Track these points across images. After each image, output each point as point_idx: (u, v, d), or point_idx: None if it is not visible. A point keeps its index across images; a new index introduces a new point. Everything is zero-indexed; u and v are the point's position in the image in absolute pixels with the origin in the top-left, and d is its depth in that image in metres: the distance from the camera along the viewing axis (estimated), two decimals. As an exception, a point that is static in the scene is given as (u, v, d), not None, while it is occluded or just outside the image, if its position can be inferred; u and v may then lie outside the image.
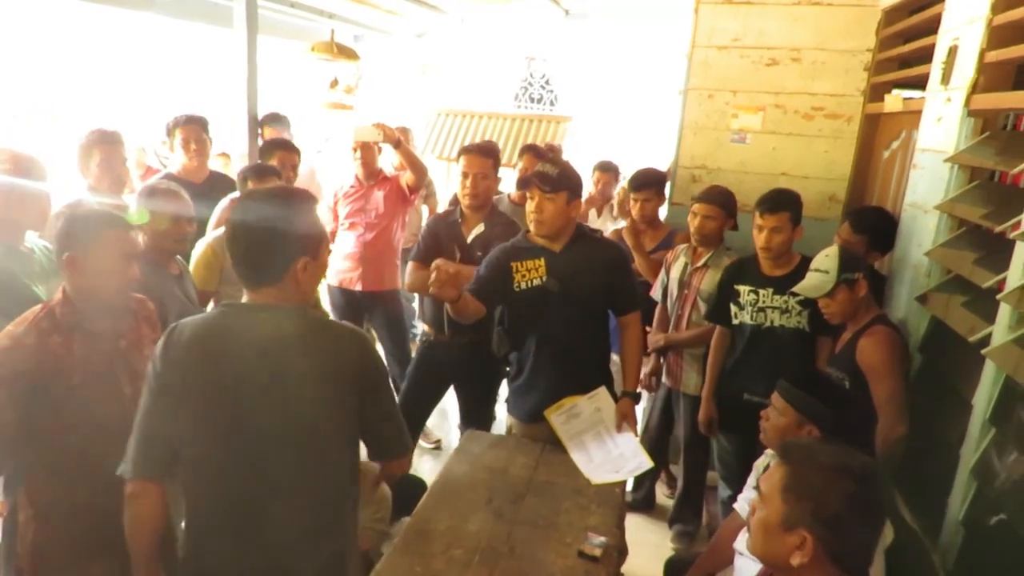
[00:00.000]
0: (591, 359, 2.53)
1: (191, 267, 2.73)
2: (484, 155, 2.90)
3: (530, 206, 2.39)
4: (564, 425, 2.44)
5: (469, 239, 2.95)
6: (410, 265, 3.03)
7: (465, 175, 2.89)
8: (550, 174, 2.35)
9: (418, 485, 2.48)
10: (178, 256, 2.51)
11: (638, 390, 2.62)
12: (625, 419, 2.44)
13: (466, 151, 2.93)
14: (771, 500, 1.30)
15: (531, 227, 2.43)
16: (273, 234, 1.45)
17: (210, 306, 2.76)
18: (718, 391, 2.85)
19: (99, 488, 1.67)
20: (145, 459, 1.49)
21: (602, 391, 2.49)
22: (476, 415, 3.17)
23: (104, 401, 1.77)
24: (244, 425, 1.46)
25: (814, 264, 2.30)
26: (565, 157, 5.02)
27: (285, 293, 1.49)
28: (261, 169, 3.02)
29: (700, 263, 2.97)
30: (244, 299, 1.52)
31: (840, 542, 1.24)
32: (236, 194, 3.51)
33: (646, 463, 2.36)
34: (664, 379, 3.16)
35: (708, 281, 2.92)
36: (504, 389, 3.11)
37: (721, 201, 2.92)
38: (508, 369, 2.72)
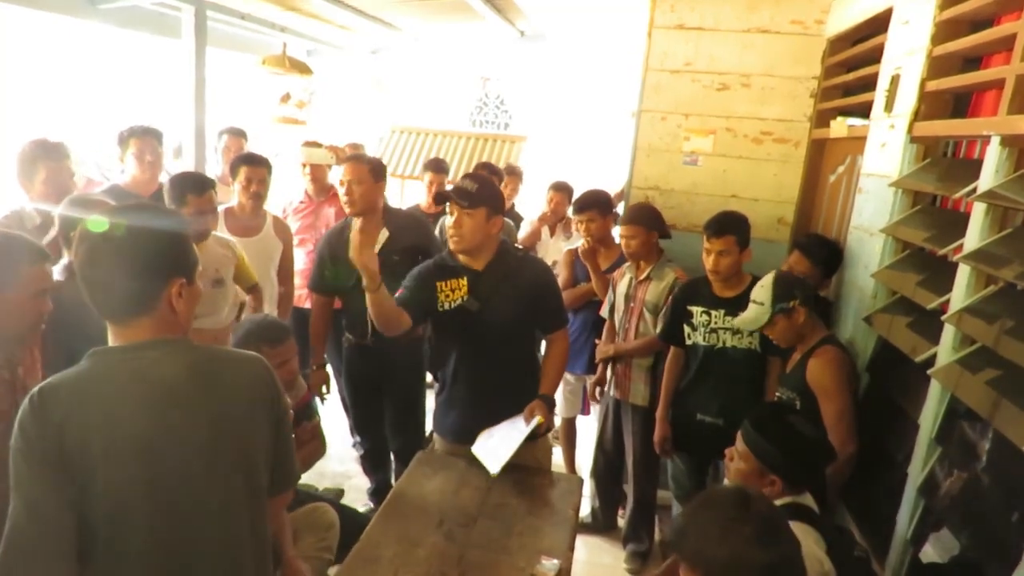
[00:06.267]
0: (513, 378, 2.47)
1: None
2: (358, 162, 2.93)
3: (449, 222, 2.33)
4: (483, 448, 2.36)
5: (378, 248, 2.92)
6: (313, 298, 3.15)
7: (341, 183, 2.93)
8: (469, 189, 2.28)
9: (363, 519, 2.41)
10: None
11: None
12: (532, 412, 2.34)
13: (344, 160, 2.99)
14: None
15: (450, 244, 2.36)
16: (142, 249, 1.25)
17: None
18: (671, 411, 2.86)
19: None
20: (49, 556, 1.19)
21: (518, 418, 2.41)
22: (403, 424, 3.17)
23: (5, 435, 1.67)
24: (163, 492, 1.26)
25: (752, 295, 2.36)
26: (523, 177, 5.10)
27: (161, 325, 1.28)
28: (201, 182, 2.85)
29: (643, 276, 3.02)
30: (112, 342, 1.29)
31: (782, 572, 1.22)
32: (223, 206, 3.39)
33: (535, 420, 2.29)
34: (612, 391, 3.16)
35: (651, 292, 2.98)
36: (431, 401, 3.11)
37: (636, 218, 2.98)
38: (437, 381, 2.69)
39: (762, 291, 2.31)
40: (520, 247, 2.73)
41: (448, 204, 2.31)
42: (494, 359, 2.42)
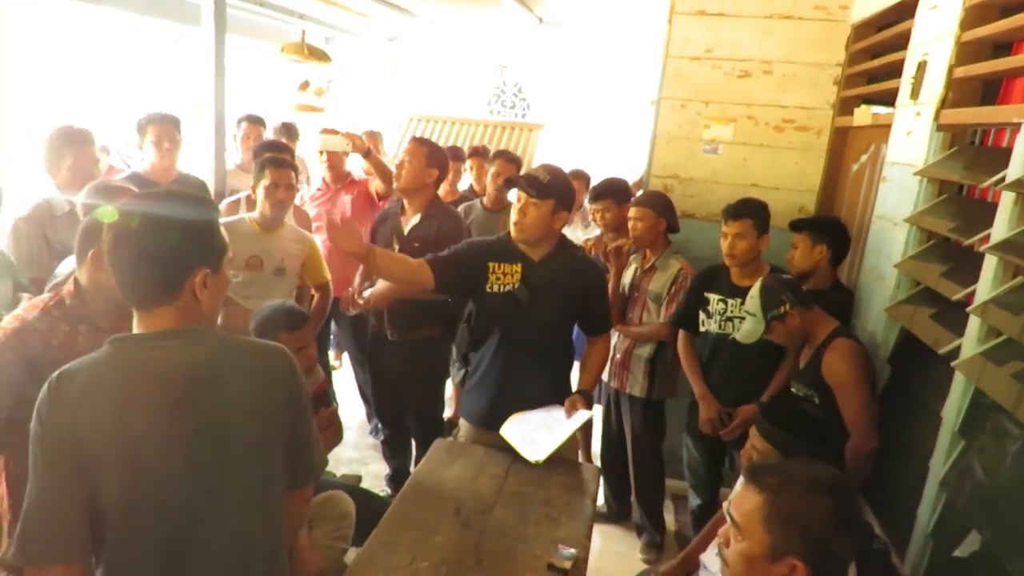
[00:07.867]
0: (550, 371, 2.45)
1: None
2: (417, 142, 2.98)
3: (514, 208, 2.30)
4: (516, 434, 2.33)
5: (406, 230, 2.97)
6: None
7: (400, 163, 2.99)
8: (540, 179, 2.25)
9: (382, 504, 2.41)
10: None
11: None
12: (574, 405, 2.33)
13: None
14: (752, 531, 1.23)
15: (511, 230, 2.33)
16: (165, 239, 1.25)
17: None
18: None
19: None
20: (56, 539, 1.20)
21: (555, 407, 2.40)
22: (423, 413, 3.22)
23: None
24: (174, 483, 1.25)
25: (745, 306, 2.37)
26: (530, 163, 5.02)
27: (184, 314, 1.29)
28: (278, 160, 2.92)
29: (648, 265, 3.00)
30: (136, 328, 1.30)
31: (828, 562, 1.20)
32: (243, 193, 3.43)
33: (586, 414, 2.30)
34: (611, 382, 3.13)
35: (655, 282, 2.96)
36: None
37: (647, 201, 2.96)
38: (459, 368, 2.69)
39: (752, 302, 2.31)
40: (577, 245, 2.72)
41: (516, 191, 2.29)
42: (533, 350, 2.38)
